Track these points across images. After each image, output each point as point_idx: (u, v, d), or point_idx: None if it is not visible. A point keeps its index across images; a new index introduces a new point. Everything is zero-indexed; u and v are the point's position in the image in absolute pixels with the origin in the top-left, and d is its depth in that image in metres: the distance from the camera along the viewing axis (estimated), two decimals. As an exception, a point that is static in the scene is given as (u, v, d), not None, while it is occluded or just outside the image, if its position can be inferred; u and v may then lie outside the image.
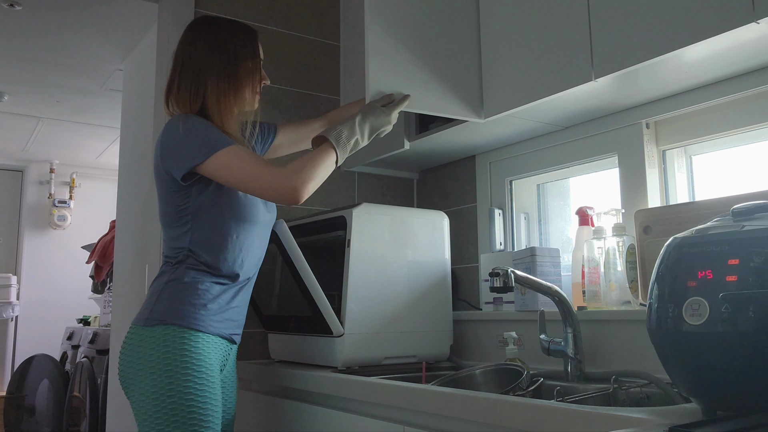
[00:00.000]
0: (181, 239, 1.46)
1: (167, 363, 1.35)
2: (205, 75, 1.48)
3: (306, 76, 2.29)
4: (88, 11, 2.87)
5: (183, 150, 1.41)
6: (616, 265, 1.59)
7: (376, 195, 2.37)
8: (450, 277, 1.91)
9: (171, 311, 1.40)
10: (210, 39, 1.52)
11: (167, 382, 1.34)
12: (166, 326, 1.38)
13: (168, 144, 1.44)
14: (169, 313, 1.40)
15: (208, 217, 1.46)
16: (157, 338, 1.37)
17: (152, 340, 1.38)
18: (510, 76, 1.68)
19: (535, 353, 1.69)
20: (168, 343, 1.37)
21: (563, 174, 2.04)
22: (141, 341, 1.39)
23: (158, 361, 1.35)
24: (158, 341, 1.37)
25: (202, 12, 2.10)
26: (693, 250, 0.87)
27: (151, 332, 1.39)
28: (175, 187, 1.45)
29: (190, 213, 1.46)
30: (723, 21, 1.21)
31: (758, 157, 1.59)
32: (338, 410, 1.53)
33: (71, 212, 5.61)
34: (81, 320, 4.68)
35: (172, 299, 1.42)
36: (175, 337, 1.37)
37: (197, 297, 1.42)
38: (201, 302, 1.43)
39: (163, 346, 1.37)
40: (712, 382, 0.84)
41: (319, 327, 1.68)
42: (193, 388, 1.35)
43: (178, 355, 1.36)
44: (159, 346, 1.37)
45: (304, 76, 2.29)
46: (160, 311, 1.41)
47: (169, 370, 1.35)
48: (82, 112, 4.30)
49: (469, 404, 1.17)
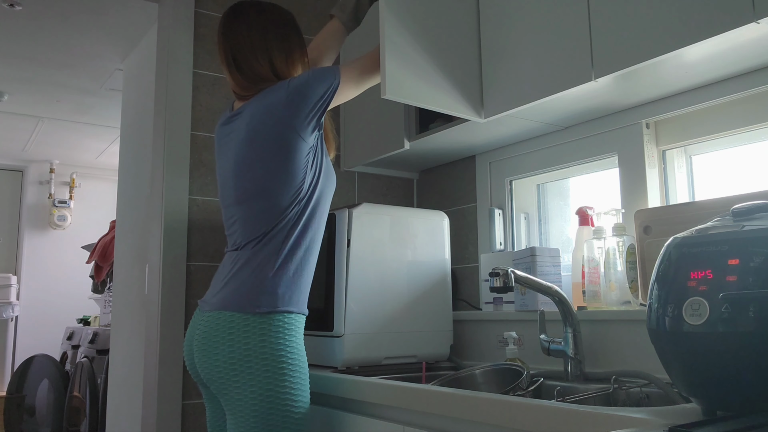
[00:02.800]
0: (286, 219, 1.42)
1: (298, 349, 1.38)
2: (272, 53, 1.53)
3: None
4: (88, 11, 2.87)
5: (320, 88, 1.44)
6: (616, 265, 1.59)
7: (376, 195, 2.37)
8: (450, 277, 1.91)
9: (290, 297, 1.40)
10: (264, 20, 1.55)
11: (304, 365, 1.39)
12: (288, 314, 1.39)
13: (302, 91, 1.43)
14: (280, 300, 1.39)
15: (312, 208, 1.46)
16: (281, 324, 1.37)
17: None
18: (510, 76, 1.68)
19: (535, 353, 1.69)
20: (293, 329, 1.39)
21: (563, 174, 2.04)
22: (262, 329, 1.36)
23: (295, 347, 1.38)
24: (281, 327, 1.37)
25: (202, 12, 2.10)
26: (693, 250, 0.87)
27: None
28: (300, 150, 1.43)
29: (301, 193, 1.44)
30: (723, 21, 1.21)
31: (758, 157, 1.59)
32: (338, 410, 1.53)
33: (71, 212, 5.61)
34: (81, 320, 4.68)
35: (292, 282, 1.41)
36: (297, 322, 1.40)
37: (297, 287, 1.42)
38: (300, 294, 1.44)
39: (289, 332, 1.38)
40: (712, 382, 0.84)
41: (323, 323, 1.68)
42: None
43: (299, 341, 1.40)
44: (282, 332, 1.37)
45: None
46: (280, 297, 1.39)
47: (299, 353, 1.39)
48: (82, 112, 4.30)
49: (469, 404, 1.17)
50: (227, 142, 1.54)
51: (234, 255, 1.46)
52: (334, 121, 2.32)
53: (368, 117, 2.17)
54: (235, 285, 1.40)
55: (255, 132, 1.45)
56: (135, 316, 2.71)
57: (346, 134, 2.28)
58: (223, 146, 1.56)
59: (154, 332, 1.94)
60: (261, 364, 1.33)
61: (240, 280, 1.40)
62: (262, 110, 1.46)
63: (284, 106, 1.43)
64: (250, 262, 1.41)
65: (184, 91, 2.04)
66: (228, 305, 1.38)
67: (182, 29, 2.06)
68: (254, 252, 1.42)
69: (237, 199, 1.48)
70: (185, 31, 2.06)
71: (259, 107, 1.47)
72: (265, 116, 1.45)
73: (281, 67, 1.52)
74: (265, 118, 1.45)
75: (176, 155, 1.97)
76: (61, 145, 5.12)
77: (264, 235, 1.42)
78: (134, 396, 2.52)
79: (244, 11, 1.56)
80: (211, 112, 2.07)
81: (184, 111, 2.03)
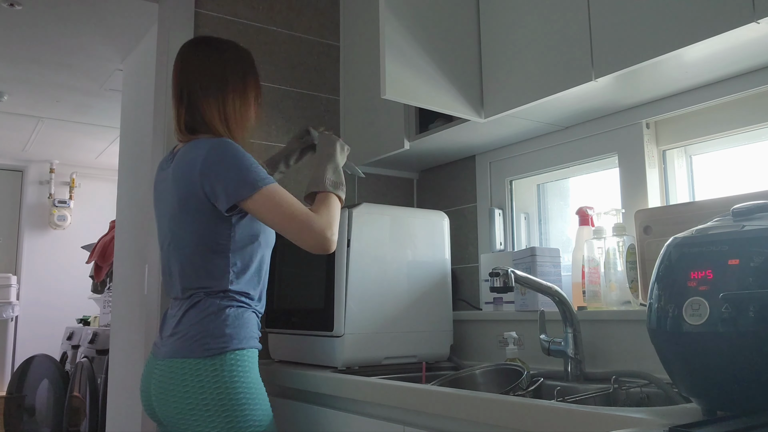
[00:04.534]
0: (220, 269, 1.43)
1: (254, 383, 1.40)
2: (227, 94, 1.49)
3: (306, 76, 2.29)
4: (88, 11, 2.87)
5: (230, 180, 1.38)
6: (616, 265, 1.59)
7: (376, 195, 2.37)
8: (450, 277, 1.91)
9: (231, 337, 1.40)
10: (224, 58, 1.52)
11: (263, 402, 1.41)
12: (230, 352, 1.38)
13: (215, 170, 1.39)
14: (228, 340, 1.39)
15: (250, 248, 1.46)
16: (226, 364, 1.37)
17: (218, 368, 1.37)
18: (510, 76, 1.68)
19: (535, 353, 1.69)
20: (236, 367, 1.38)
21: (563, 174, 2.04)
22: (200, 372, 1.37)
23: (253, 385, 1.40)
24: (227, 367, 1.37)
25: (202, 12, 2.10)
26: (693, 250, 0.87)
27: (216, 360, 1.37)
28: (215, 215, 1.42)
29: (232, 243, 1.43)
30: (723, 21, 1.21)
31: (758, 157, 1.59)
32: (338, 410, 1.53)
33: (71, 212, 5.61)
34: (81, 320, 4.68)
35: (230, 326, 1.41)
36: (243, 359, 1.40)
37: (242, 326, 1.43)
38: (249, 330, 1.45)
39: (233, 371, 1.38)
40: (712, 382, 0.84)
41: (323, 323, 1.68)
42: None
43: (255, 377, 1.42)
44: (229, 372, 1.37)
45: (303, 76, 2.29)
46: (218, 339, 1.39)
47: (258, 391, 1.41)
48: (82, 112, 4.30)
49: (469, 404, 1.17)
50: (163, 189, 1.53)
51: (178, 303, 1.48)
52: (334, 122, 2.32)
53: (368, 117, 2.17)
54: (182, 331, 1.41)
55: (180, 192, 1.44)
56: (135, 316, 2.71)
57: (346, 134, 2.28)
58: (160, 192, 1.55)
59: (154, 332, 1.93)
60: (218, 405, 1.35)
61: (187, 326, 1.41)
62: (185, 167, 1.43)
63: (199, 171, 1.40)
64: (196, 307, 1.42)
65: (184, 91, 2.04)
66: (177, 352, 1.39)
67: (182, 29, 2.06)
68: (197, 299, 1.43)
69: (175, 247, 1.48)
70: (185, 31, 2.06)
71: (181, 163, 1.45)
72: (187, 175, 1.42)
73: (230, 113, 1.48)
74: (187, 177, 1.42)
75: (176, 155, 1.97)
76: (61, 145, 5.12)
77: (202, 284, 1.43)
78: (134, 396, 2.52)
79: (204, 46, 1.55)
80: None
81: (184, 111, 2.03)
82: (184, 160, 1.45)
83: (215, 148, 1.41)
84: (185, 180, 1.43)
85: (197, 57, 1.53)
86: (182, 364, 1.37)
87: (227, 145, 1.42)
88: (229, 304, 1.42)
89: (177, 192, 1.45)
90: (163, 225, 1.53)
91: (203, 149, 1.41)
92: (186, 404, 1.35)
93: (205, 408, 1.34)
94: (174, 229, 1.47)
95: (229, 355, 1.38)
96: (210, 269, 1.43)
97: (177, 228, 1.47)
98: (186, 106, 1.49)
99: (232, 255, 1.44)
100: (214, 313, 1.40)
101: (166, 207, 1.50)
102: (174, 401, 1.37)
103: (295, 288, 1.90)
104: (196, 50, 1.54)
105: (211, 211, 1.42)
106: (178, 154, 1.50)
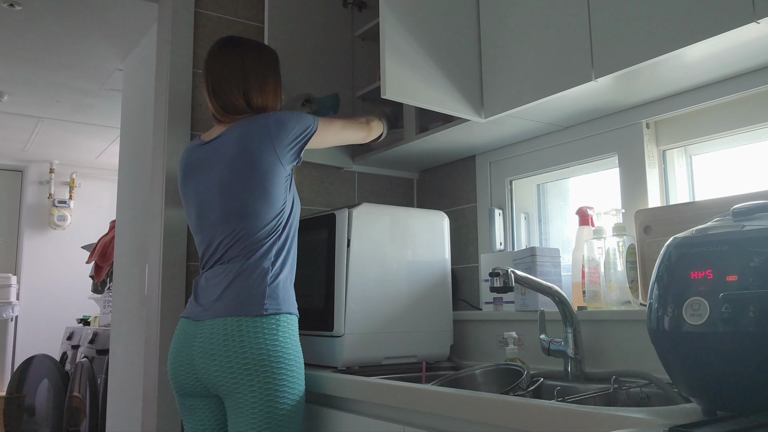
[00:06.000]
0: (273, 239, 1.55)
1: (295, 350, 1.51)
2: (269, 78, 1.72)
3: (307, 75, 2.29)
4: (88, 11, 2.87)
5: (301, 125, 1.61)
6: (616, 265, 1.59)
7: (376, 195, 2.37)
8: (450, 277, 1.91)
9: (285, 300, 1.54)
10: (260, 51, 1.74)
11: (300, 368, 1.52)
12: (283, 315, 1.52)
13: (288, 126, 1.59)
14: (282, 303, 1.52)
15: (294, 210, 1.63)
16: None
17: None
18: (510, 76, 1.68)
19: (535, 353, 1.69)
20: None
21: (563, 174, 2.04)
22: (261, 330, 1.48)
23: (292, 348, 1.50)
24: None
25: (202, 12, 2.10)
26: (693, 250, 0.87)
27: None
28: (280, 175, 1.57)
29: (287, 204, 1.59)
30: (723, 21, 1.21)
31: (758, 157, 1.59)
32: (338, 410, 1.53)
33: (71, 212, 5.61)
34: (81, 320, 4.68)
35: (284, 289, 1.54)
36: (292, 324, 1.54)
37: (289, 292, 1.57)
38: (293, 298, 1.59)
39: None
40: (712, 382, 0.84)
41: (323, 323, 1.68)
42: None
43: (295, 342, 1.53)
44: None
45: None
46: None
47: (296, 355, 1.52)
48: (81, 112, 4.30)
49: (469, 404, 1.17)
50: (207, 165, 1.63)
51: (222, 269, 1.56)
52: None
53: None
54: (234, 293, 1.51)
55: (240, 155, 1.57)
56: (135, 316, 2.71)
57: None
58: (200, 170, 1.64)
59: (154, 332, 1.94)
60: (268, 362, 1.45)
61: (239, 289, 1.51)
62: (247, 136, 1.58)
63: (267, 133, 1.57)
64: (245, 273, 1.52)
65: (184, 91, 2.04)
66: (232, 311, 1.48)
67: (182, 29, 2.06)
68: (246, 264, 1.53)
69: (224, 218, 1.57)
70: (185, 31, 2.06)
71: (243, 132, 1.59)
72: (249, 141, 1.57)
73: (255, 100, 1.67)
74: (249, 142, 1.57)
75: (176, 155, 1.97)
76: (61, 145, 5.12)
77: (253, 249, 1.54)
78: (134, 396, 2.52)
79: (228, 47, 1.71)
80: (210, 113, 2.06)
81: (184, 111, 2.03)
82: (246, 129, 1.59)
83: (275, 114, 1.62)
84: (248, 149, 1.56)
85: (220, 55, 1.70)
86: (238, 322, 1.47)
87: (281, 112, 1.66)
88: (279, 271, 1.55)
89: (239, 162, 1.57)
90: (205, 199, 1.62)
91: (267, 119, 1.60)
92: (241, 358, 1.44)
93: (261, 363, 1.44)
94: (227, 199, 1.57)
95: (284, 317, 1.50)
96: (263, 238, 1.55)
97: (231, 198, 1.57)
98: (215, 97, 1.67)
99: (284, 229, 1.58)
100: (264, 277, 1.52)
101: (210, 182, 1.61)
102: (228, 357, 1.45)
103: (295, 288, 1.90)
104: (222, 49, 1.72)
105: (273, 179, 1.56)
106: (232, 130, 1.62)
